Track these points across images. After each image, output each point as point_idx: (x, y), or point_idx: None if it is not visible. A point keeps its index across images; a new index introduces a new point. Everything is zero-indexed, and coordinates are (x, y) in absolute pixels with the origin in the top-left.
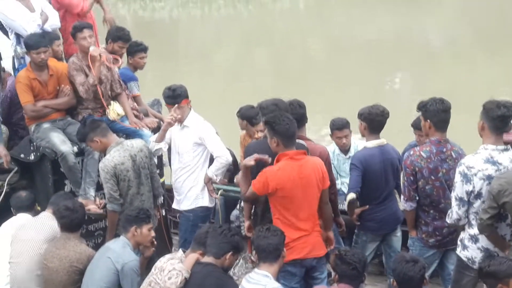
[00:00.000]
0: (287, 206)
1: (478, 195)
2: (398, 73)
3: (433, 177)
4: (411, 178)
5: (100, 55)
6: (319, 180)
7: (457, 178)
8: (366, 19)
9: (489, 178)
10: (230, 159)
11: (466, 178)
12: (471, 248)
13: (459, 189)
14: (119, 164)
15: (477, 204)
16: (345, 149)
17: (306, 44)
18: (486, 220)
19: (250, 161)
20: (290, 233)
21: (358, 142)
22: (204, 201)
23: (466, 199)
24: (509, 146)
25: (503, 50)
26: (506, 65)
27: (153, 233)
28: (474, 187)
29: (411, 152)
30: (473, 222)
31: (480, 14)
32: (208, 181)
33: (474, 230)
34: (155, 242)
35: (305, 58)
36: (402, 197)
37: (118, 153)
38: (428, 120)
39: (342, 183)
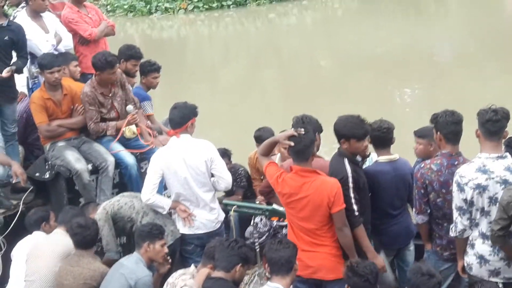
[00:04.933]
0: (289, 214)
1: (471, 204)
2: (408, 87)
3: (444, 190)
4: (422, 191)
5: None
6: (325, 203)
7: (454, 187)
8: (373, 33)
9: (479, 187)
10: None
11: (460, 187)
12: (469, 253)
13: (456, 199)
14: None
15: (473, 212)
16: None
17: (314, 60)
18: (497, 232)
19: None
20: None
21: (374, 155)
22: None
23: (465, 207)
24: (505, 154)
25: None
26: None
27: (166, 249)
28: (466, 196)
29: (422, 165)
30: (471, 229)
31: (487, 25)
32: None
33: (472, 235)
34: (169, 259)
35: (313, 74)
36: (414, 210)
37: None
38: (439, 132)
39: None
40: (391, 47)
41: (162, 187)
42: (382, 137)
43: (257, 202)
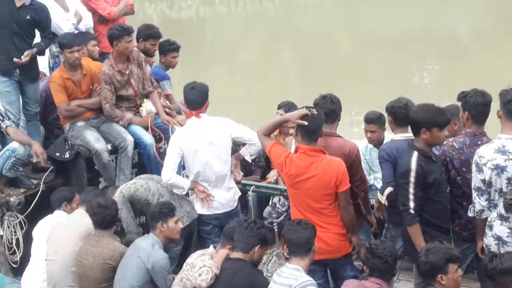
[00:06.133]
0: (294, 195)
1: (489, 184)
2: (427, 66)
3: (464, 169)
4: (442, 168)
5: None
6: (332, 182)
7: (473, 168)
8: (392, 13)
9: (497, 168)
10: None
11: (478, 168)
12: (488, 235)
13: (475, 179)
14: None
15: (491, 193)
16: (378, 144)
17: (332, 39)
18: (510, 200)
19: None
20: None
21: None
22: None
23: (484, 188)
24: None
25: None
26: None
27: (180, 225)
28: (484, 176)
29: (445, 142)
30: (489, 210)
31: (506, 3)
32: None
33: (490, 217)
34: None
35: (332, 54)
36: None
37: None
38: (467, 112)
39: (375, 178)
40: (410, 26)
41: (181, 168)
42: (402, 114)
43: (267, 180)
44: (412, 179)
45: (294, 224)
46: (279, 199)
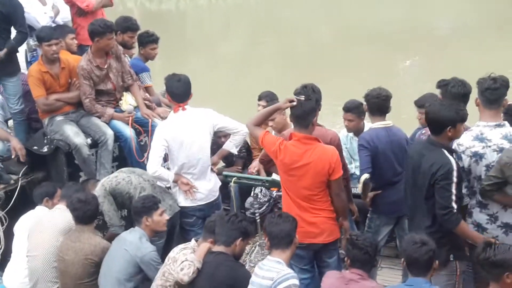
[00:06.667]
0: (287, 181)
1: (468, 172)
2: (408, 59)
3: None
4: None
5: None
6: (326, 170)
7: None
8: (374, 5)
9: (476, 155)
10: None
11: (457, 155)
12: (468, 221)
13: None
14: None
15: (470, 180)
16: (357, 132)
17: (314, 32)
18: (485, 186)
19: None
20: (293, 214)
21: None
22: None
23: (463, 175)
24: (503, 122)
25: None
26: None
27: (166, 217)
28: (463, 164)
29: (423, 131)
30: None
31: None
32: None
33: (470, 203)
34: None
35: (314, 46)
36: None
37: None
38: (446, 100)
39: (356, 167)
40: (391, 19)
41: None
42: (381, 104)
43: (249, 171)
44: (454, 178)
45: (275, 217)
46: (261, 190)
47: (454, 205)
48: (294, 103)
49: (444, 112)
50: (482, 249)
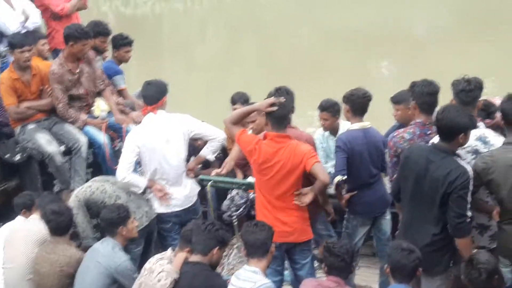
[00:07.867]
0: (260, 181)
1: None
2: (385, 62)
3: None
4: (395, 159)
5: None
6: (299, 163)
7: None
8: (353, 8)
9: None
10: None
11: None
12: None
13: None
14: None
15: None
16: (333, 132)
17: (293, 34)
18: None
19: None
20: (267, 214)
21: (345, 123)
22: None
23: None
24: (478, 124)
25: (488, 36)
26: (492, 51)
27: (136, 223)
28: None
29: (395, 134)
30: None
31: (463, 3)
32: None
33: None
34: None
35: (293, 48)
36: (388, 178)
37: None
38: (414, 101)
39: (332, 166)
40: (369, 22)
41: (136, 164)
42: (365, 103)
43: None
44: (470, 187)
45: (251, 225)
46: (237, 192)
47: (469, 213)
48: (275, 108)
49: (460, 119)
50: (466, 265)
